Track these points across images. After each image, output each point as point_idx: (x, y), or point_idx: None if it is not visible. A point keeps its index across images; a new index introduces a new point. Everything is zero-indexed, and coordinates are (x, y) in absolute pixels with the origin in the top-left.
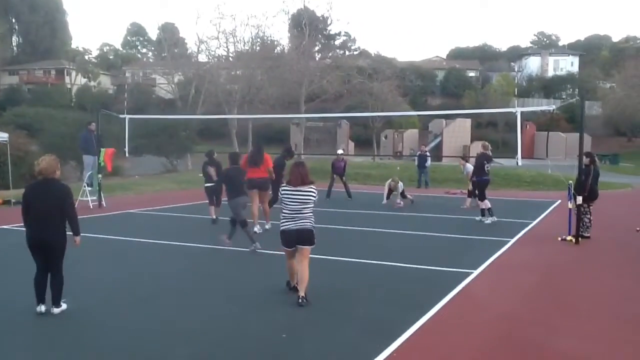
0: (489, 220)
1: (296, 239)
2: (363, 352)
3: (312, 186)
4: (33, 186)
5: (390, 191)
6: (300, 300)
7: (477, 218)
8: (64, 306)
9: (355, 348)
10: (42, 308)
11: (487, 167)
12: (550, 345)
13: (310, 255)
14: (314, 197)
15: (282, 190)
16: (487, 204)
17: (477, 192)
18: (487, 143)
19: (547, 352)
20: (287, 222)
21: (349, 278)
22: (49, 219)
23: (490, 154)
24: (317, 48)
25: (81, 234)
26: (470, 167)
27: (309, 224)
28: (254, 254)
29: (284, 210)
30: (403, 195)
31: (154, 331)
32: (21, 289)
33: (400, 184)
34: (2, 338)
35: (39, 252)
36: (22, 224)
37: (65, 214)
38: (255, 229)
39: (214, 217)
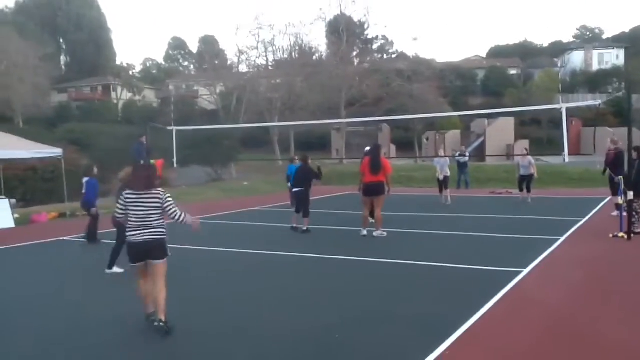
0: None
1: (144, 252)
2: (415, 350)
3: (159, 190)
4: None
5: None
6: (157, 324)
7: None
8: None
9: (406, 347)
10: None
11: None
12: (603, 336)
13: (358, 258)
14: (161, 202)
15: (126, 196)
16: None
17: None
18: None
19: (601, 342)
20: (132, 232)
21: (398, 279)
22: None
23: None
24: (355, 53)
25: None
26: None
27: (159, 233)
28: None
29: (129, 220)
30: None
31: (226, 334)
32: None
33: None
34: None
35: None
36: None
37: None
38: (364, 233)
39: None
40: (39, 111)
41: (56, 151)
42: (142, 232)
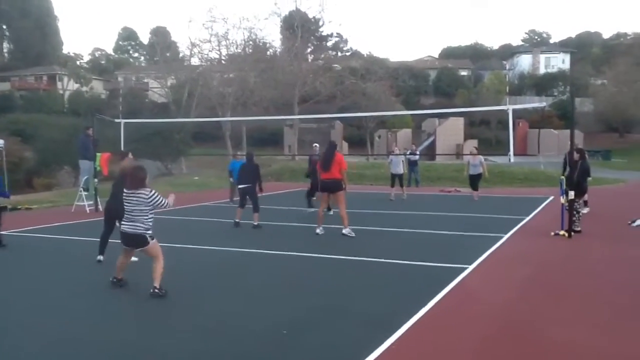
0: None
1: (128, 240)
2: (363, 345)
3: (144, 190)
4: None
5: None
6: (152, 291)
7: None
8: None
9: (355, 341)
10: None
11: None
12: (545, 334)
13: (307, 254)
14: (145, 200)
15: (124, 193)
16: None
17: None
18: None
19: (543, 340)
20: (124, 223)
21: (346, 275)
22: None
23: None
24: (309, 50)
25: (81, 238)
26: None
27: (139, 228)
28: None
29: (125, 212)
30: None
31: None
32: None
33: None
34: None
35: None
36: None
37: None
38: (318, 231)
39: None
40: None
41: None
42: (127, 224)
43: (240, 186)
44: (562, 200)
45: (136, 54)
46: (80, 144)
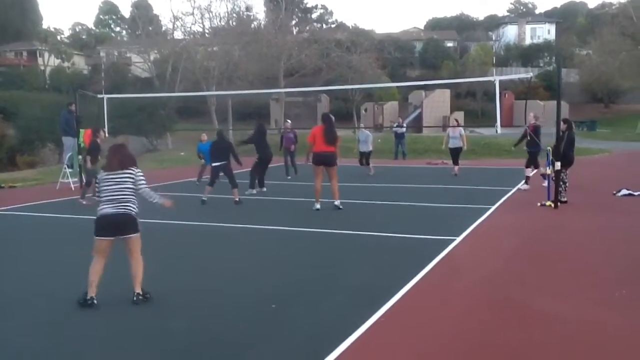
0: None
1: (115, 226)
2: (350, 319)
3: (132, 169)
4: None
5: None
6: (135, 298)
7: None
8: None
9: (342, 315)
10: None
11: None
12: (531, 304)
13: (292, 228)
14: (132, 178)
15: (100, 177)
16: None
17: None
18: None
19: (528, 311)
20: (104, 206)
21: (332, 249)
22: None
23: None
24: (294, 22)
25: (65, 216)
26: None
27: (129, 208)
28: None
29: (101, 195)
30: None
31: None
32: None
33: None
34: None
35: None
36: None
37: None
38: (317, 207)
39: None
40: None
41: None
42: (114, 205)
43: (213, 164)
44: (548, 170)
45: (118, 28)
46: (62, 120)
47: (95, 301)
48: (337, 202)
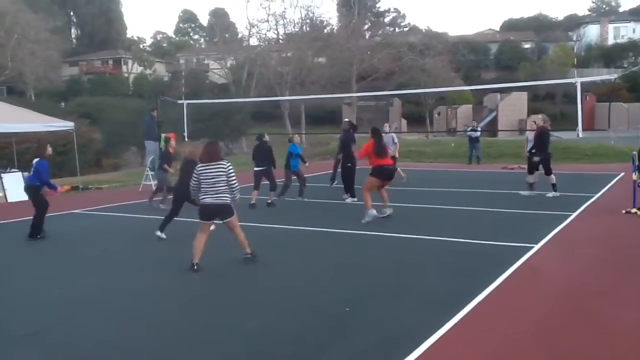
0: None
1: (214, 213)
2: (426, 323)
3: (222, 162)
4: (185, 163)
5: None
6: (246, 256)
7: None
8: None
9: (417, 320)
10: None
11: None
12: (615, 315)
13: (371, 232)
14: (224, 171)
15: (197, 168)
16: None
17: (545, 167)
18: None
19: (611, 320)
20: (204, 196)
21: (410, 254)
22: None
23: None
24: (366, 26)
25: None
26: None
27: (225, 198)
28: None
29: (201, 186)
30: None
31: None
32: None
33: None
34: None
35: (181, 202)
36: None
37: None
38: (388, 212)
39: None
40: (51, 84)
41: (68, 124)
42: (212, 196)
43: (255, 168)
44: (634, 176)
45: (196, 36)
46: (145, 125)
47: (195, 267)
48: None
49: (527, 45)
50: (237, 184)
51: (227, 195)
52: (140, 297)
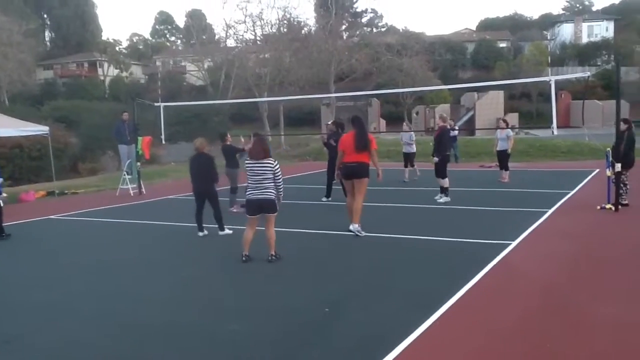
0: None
1: (259, 207)
2: (405, 322)
3: (269, 159)
4: (193, 157)
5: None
6: (270, 258)
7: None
8: (228, 231)
9: (397, 319)
10: (203, 232)
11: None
12: (591, 310)
13: (344, 233)
14: (271, 169)
15: (246, 163)
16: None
17: (439, 169)
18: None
19: (586, 316)
20: (251, 192)
21: (387, 253)
22: (202, 177)
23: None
24: (344, 27)
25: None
26: (510, 132)
27: (270, 194)
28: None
29: (248, 182)
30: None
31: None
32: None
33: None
34: None
35: (199, 197)
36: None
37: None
38: (357, 229)
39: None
40: (25, 88)
41: (43, 129)
42: (257, 191)
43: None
44: (609, 173)
45: (173, 38)
46: (115, 129)
47: (244, 259)
48: (352, 227)
49: (503, 45)
50: (282, 183)
51: (272, 190)
52: (117, 300)
